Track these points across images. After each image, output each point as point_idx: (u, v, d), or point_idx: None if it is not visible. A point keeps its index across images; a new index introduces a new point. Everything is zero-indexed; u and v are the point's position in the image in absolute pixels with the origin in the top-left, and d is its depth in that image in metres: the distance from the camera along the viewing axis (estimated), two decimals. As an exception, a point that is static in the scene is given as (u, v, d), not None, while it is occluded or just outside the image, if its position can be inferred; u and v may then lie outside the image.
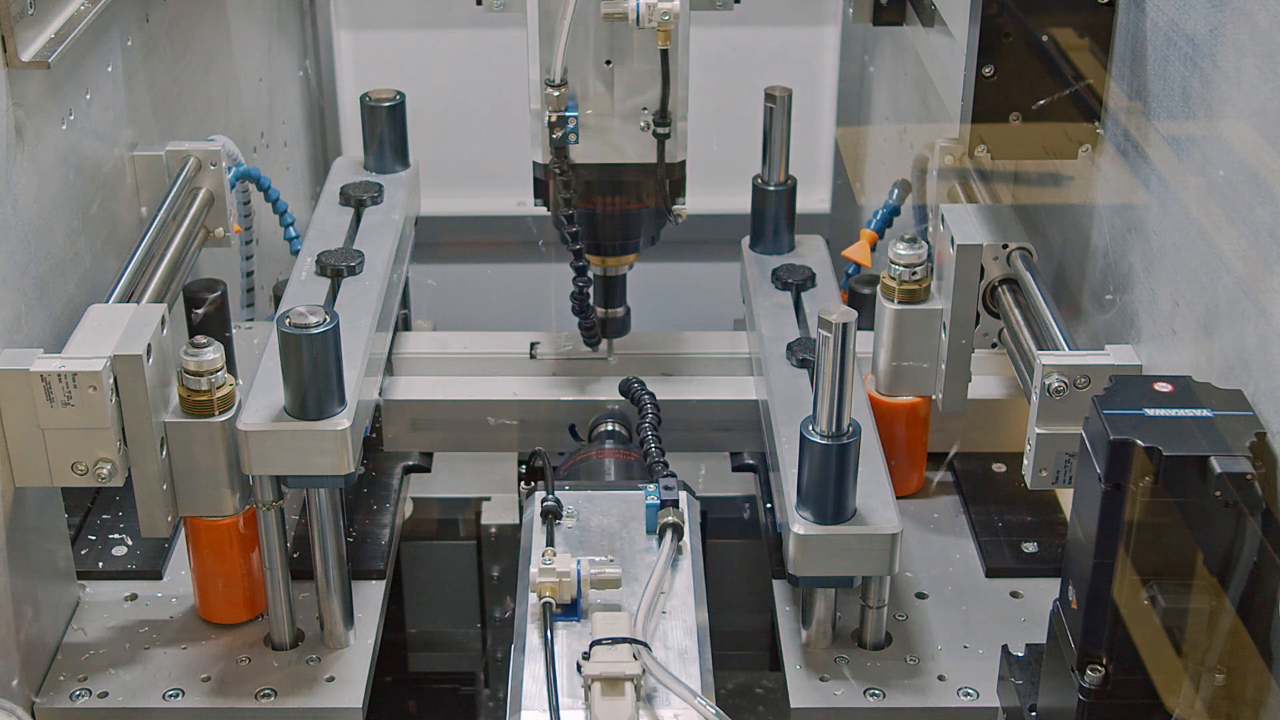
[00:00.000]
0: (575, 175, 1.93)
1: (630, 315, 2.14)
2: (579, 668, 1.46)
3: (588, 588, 1.57)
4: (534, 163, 1.97)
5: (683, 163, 1.97)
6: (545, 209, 2.02)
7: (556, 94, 1.86)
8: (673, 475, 1.79)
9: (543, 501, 1.71)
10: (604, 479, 1.89)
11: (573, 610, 1.57)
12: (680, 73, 1.90)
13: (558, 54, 1.84)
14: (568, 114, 1.88)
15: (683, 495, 1.72)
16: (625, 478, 1.89)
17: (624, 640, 1.46)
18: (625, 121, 1.93)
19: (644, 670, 1.45)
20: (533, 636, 1.54)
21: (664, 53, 1.87)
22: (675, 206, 1.99)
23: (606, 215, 2.00)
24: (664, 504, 1.69)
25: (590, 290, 2.03)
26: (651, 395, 1.99)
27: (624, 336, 2.15)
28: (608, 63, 1.90)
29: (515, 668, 1.52)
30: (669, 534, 1.67)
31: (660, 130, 1.92)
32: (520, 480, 1.96)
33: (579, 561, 1.57)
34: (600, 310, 2.10)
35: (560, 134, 1.89)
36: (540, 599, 1.56)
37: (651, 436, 1.91)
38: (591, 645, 1.46)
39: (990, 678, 1.66)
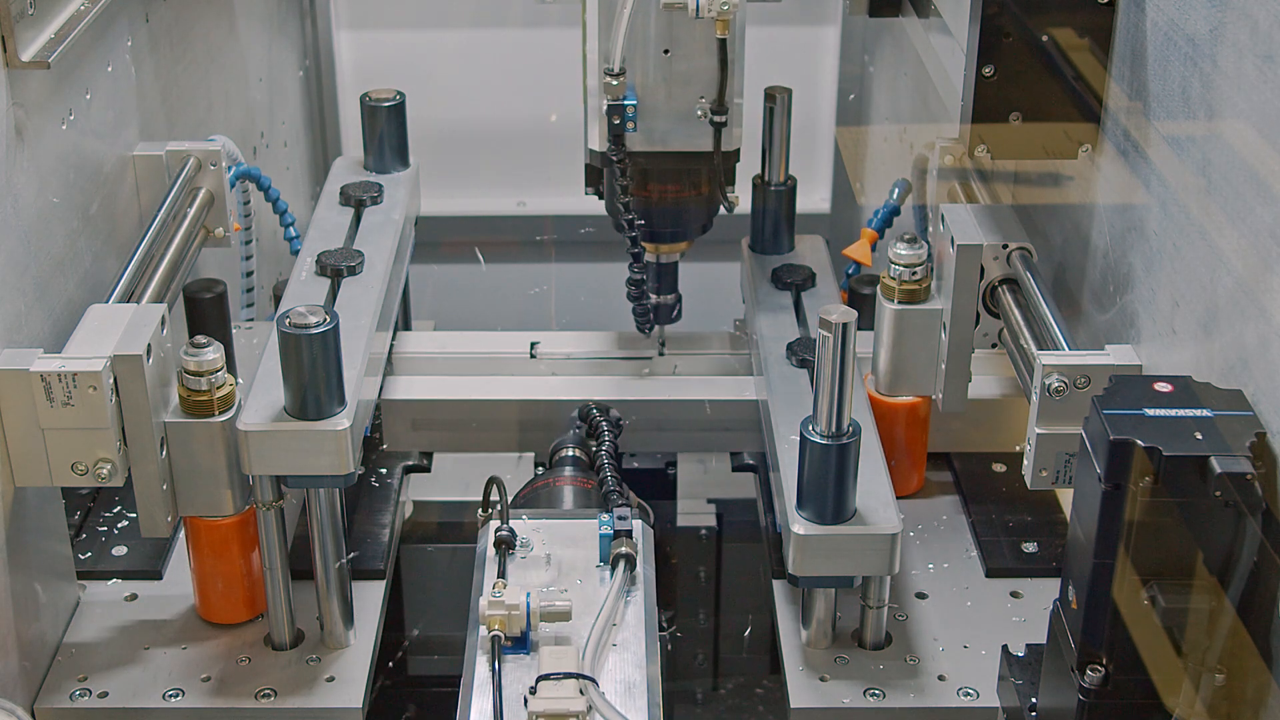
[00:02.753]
0: (631, 162, 1.95)
1: (681, 302, 2.15)
2: (526, 703, 1.45)
3: (538, 620, 1.55)
4: (589, 150, 1.98)
5: (736, 151, 1.99)
6: (598, 198, 2.03)
7: (615, 83, 1.88)
8: (627, 505, 1.76)
9: (496, 531, 1.70)
10: (561, 507, 1.87)
11: (523, 643, 1.55)
12: (737, 62, 1.92)
13: (617, 43, 1.85)
14: (626, 102, 1.90)
15: (637, 524, 1.70)
16: (584, 506, 1.86)
17: (570, 675, 1.45)
18: (681, 110, 1.94)
19: (589, 706, 1.44)
20: (481, 670, 1.53)
21: (722, 42, 1.88)
22: (730, 195, 2.01)
23: (661, 203, 2.02)
24: (617, 534, 1.67)
25: (645, 276, 2.05)
26: (612, 423, 1.98)
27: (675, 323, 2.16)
28: (665, 52, 1.91)
29: (463, 702, 1.51)
30: (621, 565, 1.64)
31: (717, 119, 1.94)
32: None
33: (528, 594, 1.55)
34: (652, 297, 2.12)
35: (618, 122, 1.90)
36: (490, 632, 1.54)
37: (609, 465, 1.89)
38: (538, 680, 1.45)
39: (990, 678, 1.66)
